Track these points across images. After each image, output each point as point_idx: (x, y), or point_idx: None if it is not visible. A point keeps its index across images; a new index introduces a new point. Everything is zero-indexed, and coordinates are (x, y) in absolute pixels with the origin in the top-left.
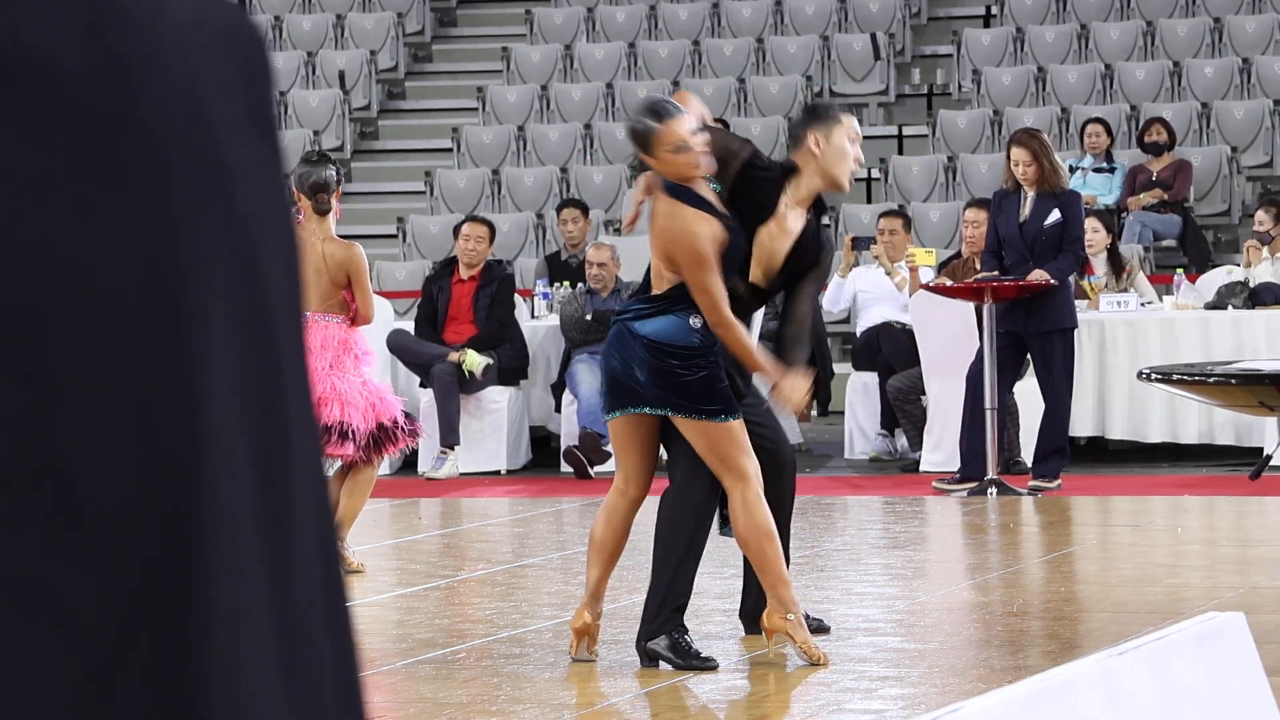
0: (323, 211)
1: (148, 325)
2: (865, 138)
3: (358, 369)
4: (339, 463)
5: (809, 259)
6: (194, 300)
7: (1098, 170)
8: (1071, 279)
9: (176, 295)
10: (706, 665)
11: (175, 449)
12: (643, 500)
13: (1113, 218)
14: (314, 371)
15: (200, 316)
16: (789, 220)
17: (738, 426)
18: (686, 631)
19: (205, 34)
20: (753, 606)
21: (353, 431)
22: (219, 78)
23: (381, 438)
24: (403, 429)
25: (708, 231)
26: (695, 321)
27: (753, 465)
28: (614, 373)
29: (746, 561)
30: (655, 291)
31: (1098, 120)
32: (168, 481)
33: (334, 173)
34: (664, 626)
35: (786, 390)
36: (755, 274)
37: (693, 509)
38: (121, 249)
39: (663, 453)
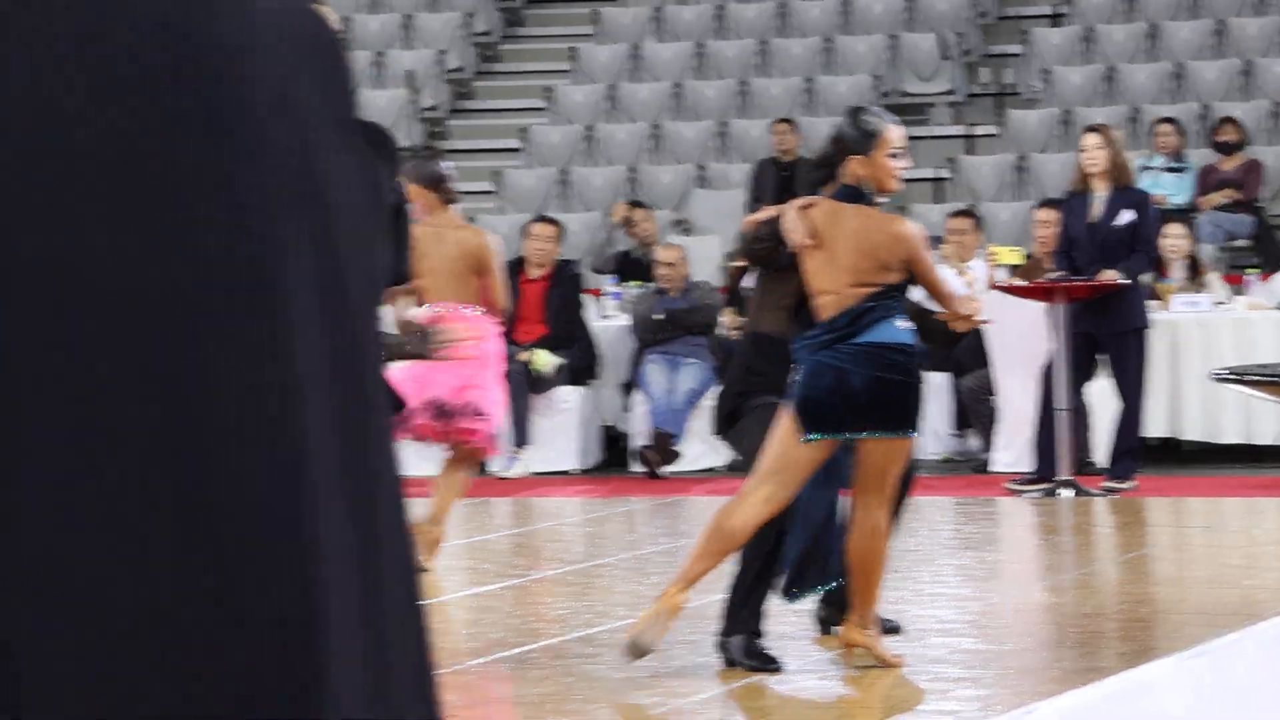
0: (450, 201)
1: (246, 326)
2: (933, 138)
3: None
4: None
5: None
6: (287, 298)
7: (1169, 170)
8: (1145, 279)
9: (271, 293)
10: (771, 667)
11: (286, 458)
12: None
13: (1190, 222)
14: (459, 363)
15: (288, 308)
16: None
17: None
18: (761, 635)
19: (289, 38)
20: (826, 612)
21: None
22: (304, 79)
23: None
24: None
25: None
26: (903, 323)
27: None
28: (822, 393)
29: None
30: (837, 308)
31: (1168, 120)
32: (283, 493)
33: (438, 167)
34: (740, 627)
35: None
36: None
37: (778, 520)
38: (218, 249)
39: (729, 455)
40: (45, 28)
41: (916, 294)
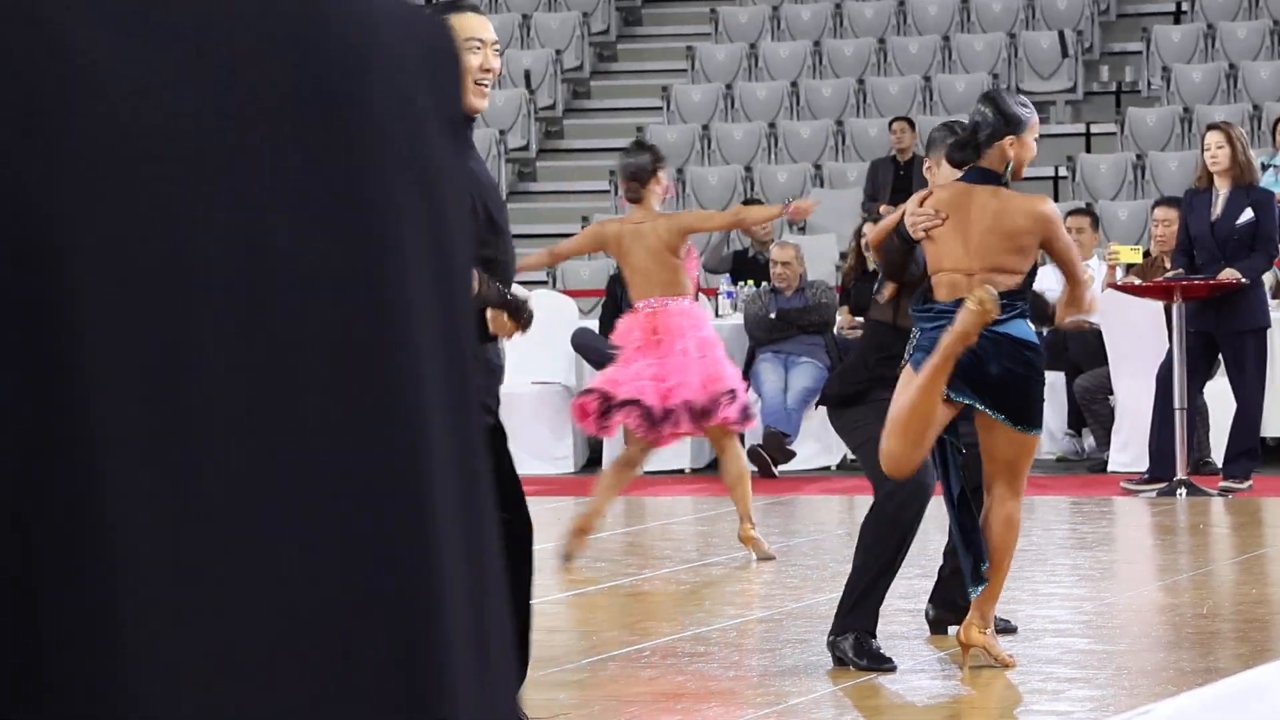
0: (634, 199)
1: (364, 320)
2: (1051, 135)
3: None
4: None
5: None
6: (404, 291)
7: None
8: (1270, 278)
9: (387, 285)
10: (884, 667)
11: (399, 437)
12: None
13: None
14: (682, 359)
15: (410, 308)
16: None
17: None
18: (874, 635)
19: (405, 32)
20: (936, 612)
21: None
22: (420, 76)
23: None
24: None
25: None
26: (1030, 324)
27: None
28: (962, 363)
29: (942, 566)
30: (967, 290)
31: None
32: (394, 468)
33: (648, 158)
34: (853, 626)
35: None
36: None
37: (902, 522)
38: (334, 239)
39: (849, 452)
40: (169, 29)
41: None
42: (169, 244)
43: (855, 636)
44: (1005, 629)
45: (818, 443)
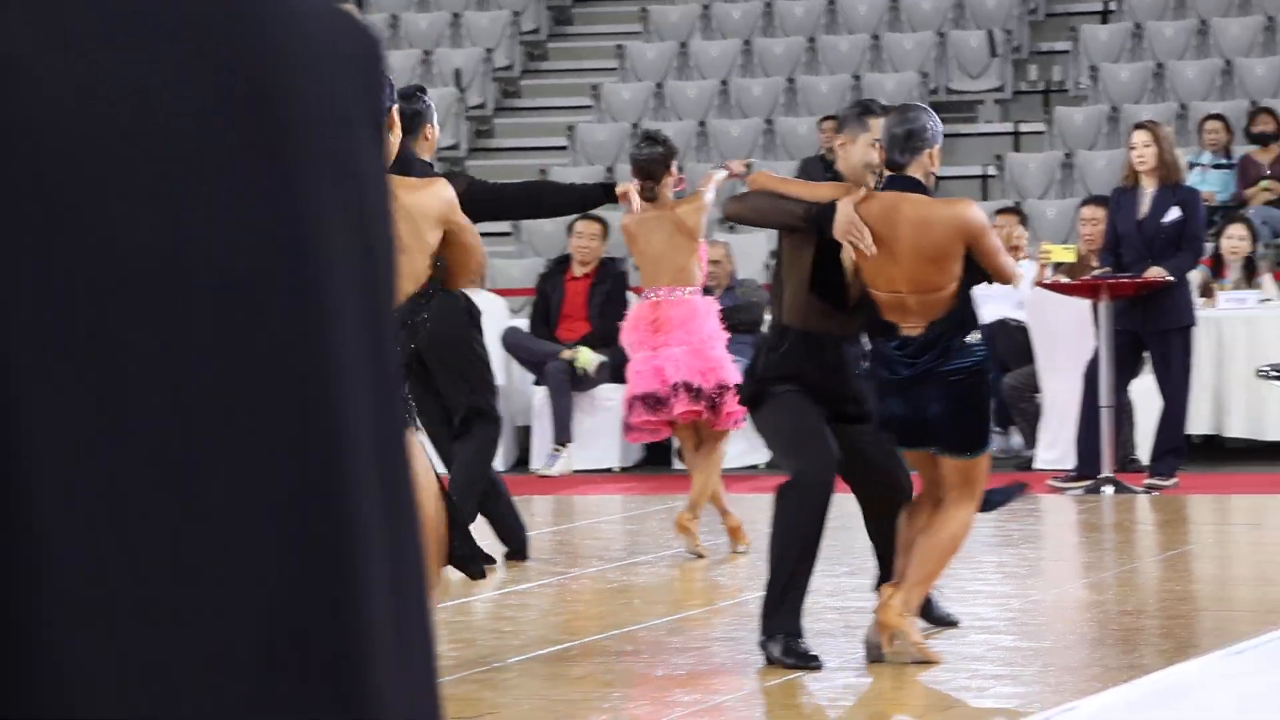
0: (649, 198)
1: (292, 322)
2: (980, 134)
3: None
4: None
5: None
6: (332, 299)
7: (1217, 166)
8: (1196, 277)
9: (317, 293)
10: (811, 665)
11: (323, 438)
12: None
13: (1250, 223)
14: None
15: (336, 307)
16: None
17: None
18: (800, 632)
19: (331, 31)
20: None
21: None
22: (345, 75)
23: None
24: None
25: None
26: (972, 337)
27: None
28: (901, 414)
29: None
30: (903, 317)
31: (1217, 116)
32: (319, 466)
33: (660, 150)
34: (779, 627)
35: None
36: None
37: (811, 511)
38: (260, 237)
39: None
40: (97, 28)
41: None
42: (93, 241)
43: (783, 638)
44: (948, 622)
45: (745, 441)
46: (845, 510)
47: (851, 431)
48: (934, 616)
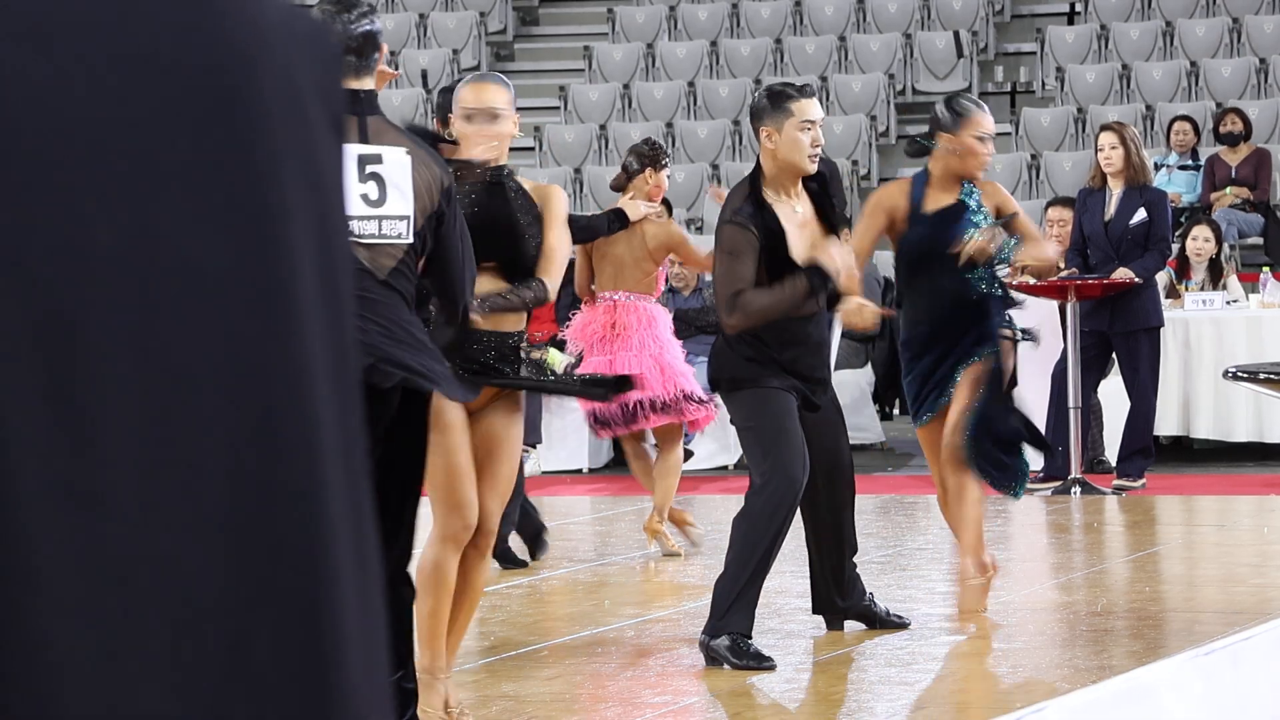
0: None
1: (263, 321)
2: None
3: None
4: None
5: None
6: (301, 300)
7: (1183, 168)
8: (1163, 278)
9: (287, 293)
10: (764, 665)
11: (294, 438)
12: None
13: (1215, 224)
14: (640, 353)
15: (301, 305)
16: (799, 216)
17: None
18: (749, 635)
19: (294, 37)
20: (822, 603)
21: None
22: (307, 77)
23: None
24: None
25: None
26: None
27: None
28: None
29: (813, 559)
30: None
31: (1184, 118)
32: (289, 464)
33: (645, 149)
34: (730, 627)
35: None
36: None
37: (775, 519)
38: (228, 236)
39: (739, 454)
40: (63, 30)
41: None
42: (63, 241)
43: (731, 637)
44: (899, 624)
45: (715, 442)
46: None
47: (809, 417)
48: (882, 619)
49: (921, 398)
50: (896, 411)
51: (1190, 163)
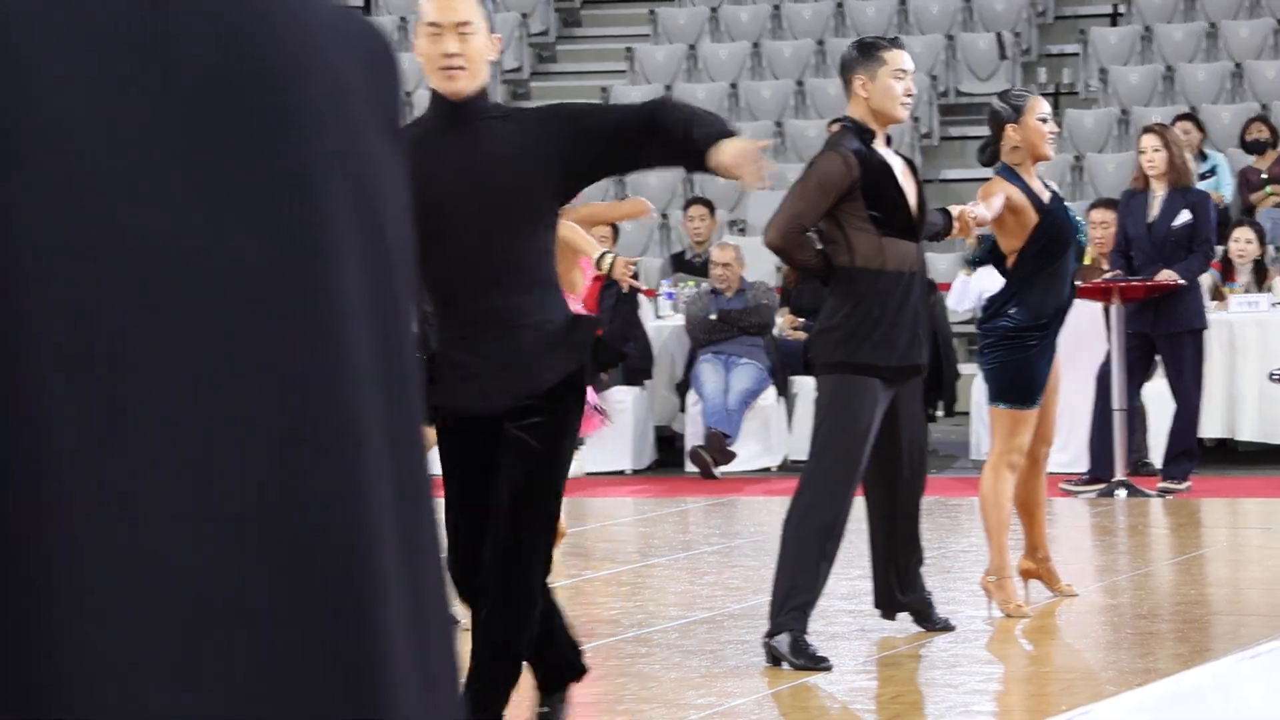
0: None
1: (296, 314)
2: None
3: None
4: None
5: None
6: (345, 301)
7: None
8: (1207, 280)
9: (330, 294)
10: (821, 666)
11: (333, 435)
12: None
13: (1258, 226)
14: None
15: (345, 308)
16: (899, 162)
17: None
18: (806, 633)
19: (342, 39)
20: (883, 596)
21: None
22: (357, 80)
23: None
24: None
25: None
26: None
27: None
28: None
29: (876, 555)
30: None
31: (1187, 116)
32: (328, 469)
33: None
34: (786, 626)
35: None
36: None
37: (826, 519)
38: (268, 238)
39: (781, 456)
40: (109, 30)
41: None
42: (107, 240)
43: (791, 635)
44: (945, 627)
45: (758, 444)
46: (861, 513)
47: (898, 408)
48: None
49: (1040, 381)
50: (940, 414)
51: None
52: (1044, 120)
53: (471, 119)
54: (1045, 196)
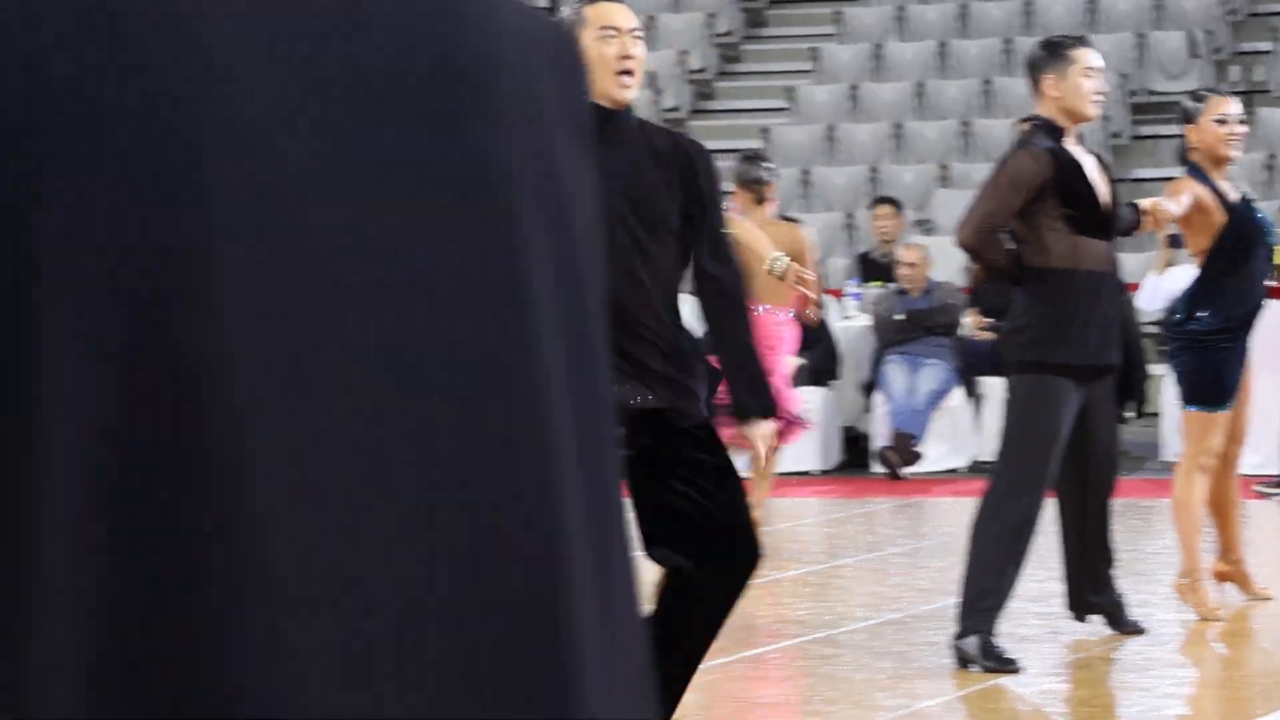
0: (760, 200)
1: (498, 323)
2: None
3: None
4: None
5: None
6: (528, 294)
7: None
8: None
9: (512, 288)
10: (1010, 668)
11: (529, 440)
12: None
13: None
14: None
15: (537, 311)
16: (1089, 159)
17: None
18: (994, 633)
19: (531, 38)
20: (1075, 598)
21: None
22: (545, 81)
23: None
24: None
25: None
26: None
27: None
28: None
29: (1068, 557)
30: None
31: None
32: (522, 472)
33: (764, 172)
34: (976, 627)
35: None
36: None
37: (1015, 519)
38: (457, 240)
39: (970, 457)
40: (297, 28)
41: None
42: (298, 241)
43: (981, 637)
44: (1136, 630)
45: (945, 444)
46: (1051, 515)
47: (1093, 411)
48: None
49: (1232, 383)
50: (1131, 414)
51: None
52: (1222, 121)
53: (627, 127)
54: (1233, 196)
